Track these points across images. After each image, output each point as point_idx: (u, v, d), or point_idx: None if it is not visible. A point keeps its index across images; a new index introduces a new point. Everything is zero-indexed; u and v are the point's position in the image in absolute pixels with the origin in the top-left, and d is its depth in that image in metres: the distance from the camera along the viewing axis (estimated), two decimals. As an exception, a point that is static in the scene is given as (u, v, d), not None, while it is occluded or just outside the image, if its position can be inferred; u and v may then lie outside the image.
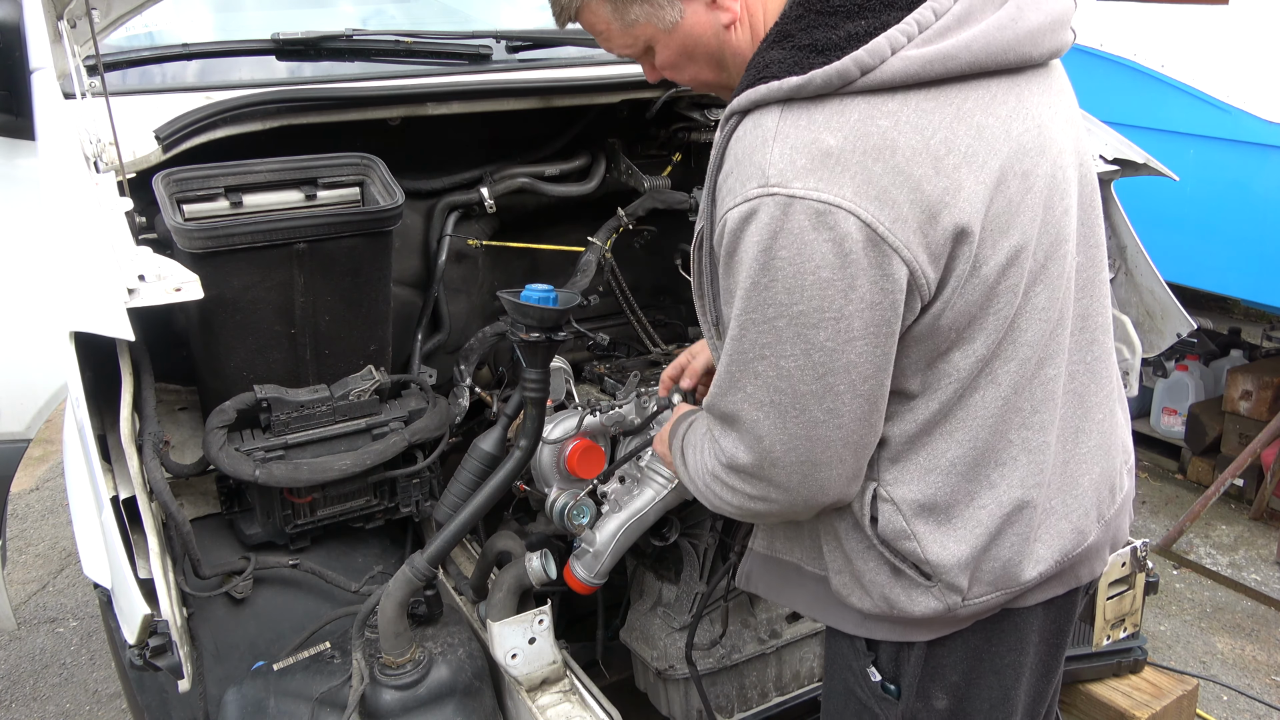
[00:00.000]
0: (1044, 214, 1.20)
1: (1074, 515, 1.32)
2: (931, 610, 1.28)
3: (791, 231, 1.08)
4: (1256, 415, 4.27)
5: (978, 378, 1.22)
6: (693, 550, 2.05)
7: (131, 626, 1.38)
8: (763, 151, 1.10)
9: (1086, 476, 1.32)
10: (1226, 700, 3.19)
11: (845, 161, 1.08)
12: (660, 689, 2.09)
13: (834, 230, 1.07)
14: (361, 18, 2.46)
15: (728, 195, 1.14)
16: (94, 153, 1.67)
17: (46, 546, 4.19)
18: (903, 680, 1.37)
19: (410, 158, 2.21)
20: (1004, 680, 1.37)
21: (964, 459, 1.24)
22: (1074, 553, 1.32)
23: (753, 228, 1.10)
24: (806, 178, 1.08)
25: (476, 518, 1.67)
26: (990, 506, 1.26)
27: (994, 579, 1.28)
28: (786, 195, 1.08)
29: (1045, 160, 1.20)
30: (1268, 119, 3.66)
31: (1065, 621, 1.41)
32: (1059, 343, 1.26)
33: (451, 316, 2.31)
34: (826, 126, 1.09)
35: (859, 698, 1.43)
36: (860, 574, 1.31)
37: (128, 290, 1.35)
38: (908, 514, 1.25)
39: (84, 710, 3.24)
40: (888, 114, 1.10)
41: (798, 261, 1.09)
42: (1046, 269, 1.22)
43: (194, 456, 1.81)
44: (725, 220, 1.13)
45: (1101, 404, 1.35)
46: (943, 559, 1.25)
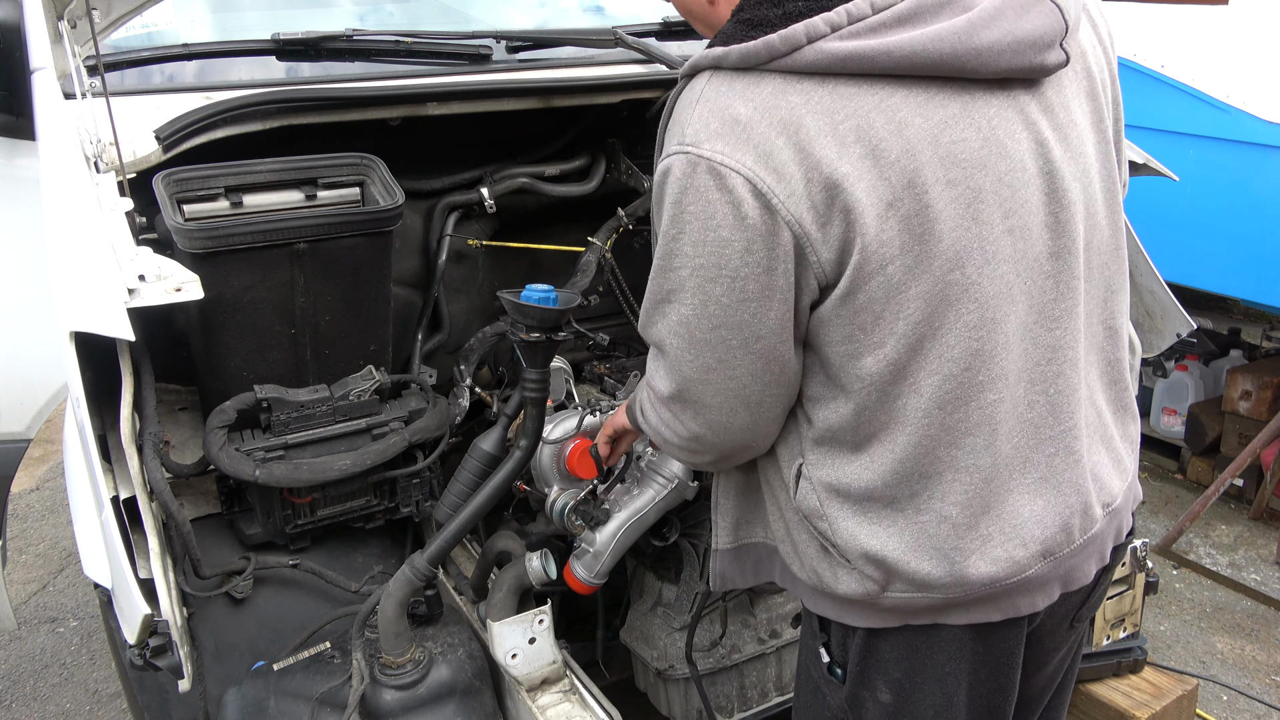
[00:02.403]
0: (975, 229, 1.17)
1: (1009, 545, 1.27)
2: (854, 592, 1.30)
3: (698, 189, 1.14)
4: (1256, 415, 4.27)
5: (897, 384, 1.21)
6: (693, 550, 2.05)
7: (131, 626, 1.38)
8: (688, 112, 1.17)
9: (1028, 508, 1.27)
10: (1226, 700, 3.19)
11: (751, 131, 1.12)
12: (660, 689, 2.09)
13: (732, 193, 1.13)
14: (360, 15, 2.46)
15: (661, 148, 1.23)
16: (94, 153, 1.67)
17: (46, 546, 4.19)
18: (848, 665, 1.39)
19: (410, 158, 2.21)
20: (946, 688, 1.36)
21: (886, 462, 1.25)
22: (1006, 581, 1.27)
23: (669, 181, 1.17)
24: (715, 140, 1.13)
25: (476, 518, 1.67)
26: (909, 513, 1.26)
27: (915, 581, 1.27)
28: (696, 154, 1.14)
29: (985, 175, 1.17)
30: (1268, 119, 3.66)
31: (1010, 641, 1.35)
32: (1002, 368, 1.22)
33: (451, 316, 2.31)
34: (741, 96, 1.14)
35: (812, 677, 1.47)
36: (796, 544, 1.37)
37: (128, 290, 1.35)
38: (822, 495, 1.29)
39: (84, 710, 3.24)
40: (801, 92, 1.13)
41: (702, 218, 1.15)
42: (978, 286, 1.18)
43: (194, 456, 1.81)
44: (657, 170, 1.21)
45: (1059, 439, 1.29)
46: (851, 546, 1.28)
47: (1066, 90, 1.25)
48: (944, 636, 1.33)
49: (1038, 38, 1.17)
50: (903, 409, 1.22)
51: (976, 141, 1.16)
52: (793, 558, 1.39)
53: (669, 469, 1.90)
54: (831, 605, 1.37)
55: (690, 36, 2.51)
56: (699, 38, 2.53)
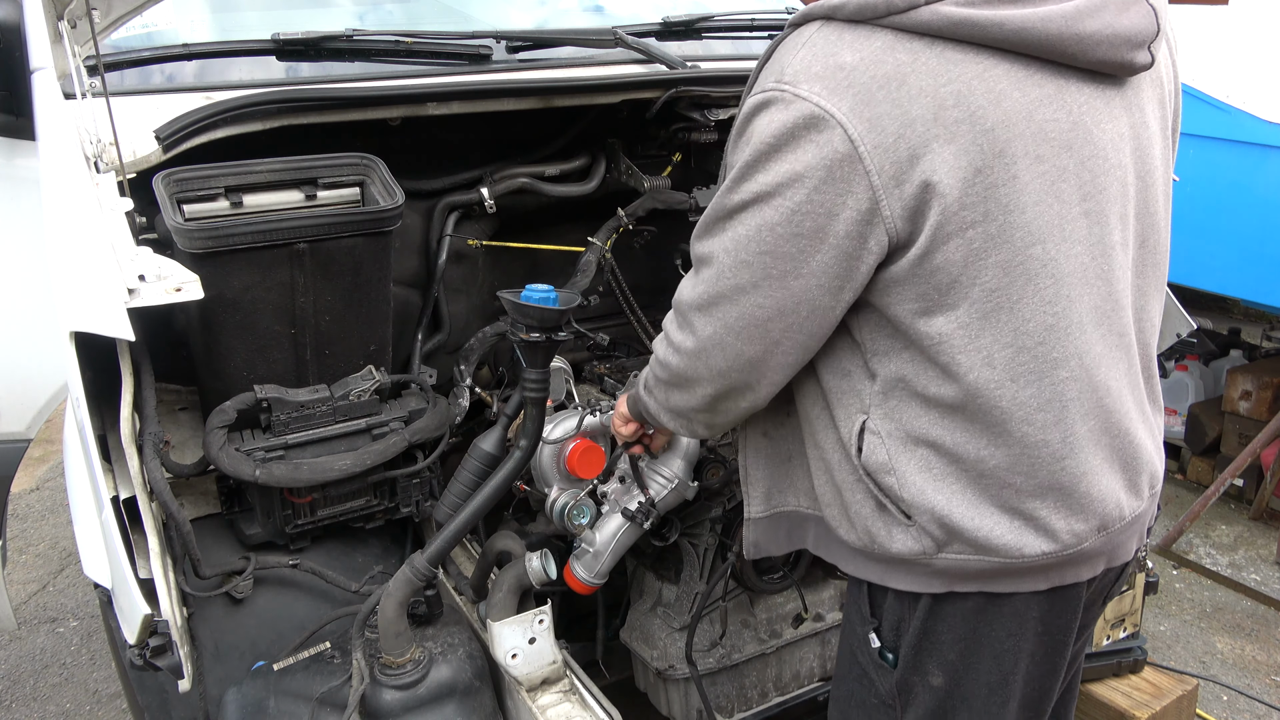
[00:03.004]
0: (1056, 206, 1.22)
1: (1071, 518, 1.31)
2: (908, 550, 1.33)
3: (786, 124, 1.18)
4: (1256, 415, 4.28)
5: (968, 352, 1.24)
6: (693, 550, 2.05)
7: (131, 626, 1.38)
8: (791, 55, 1.22)
9: (1091, 484, 1.31)
10: (1226, 700, 3.19)
11: (853, 79, 1.17)
12: (660, 689, 2.09)
13: (821, 135, 1.16)
14: (360, 15, 2.45)
15: (756, 84, 1.27)
16: (94, 153, 1.67)
17: (46, 546, 4.19)
18: (900, 650, 1.42)
19: (410, 158, 2.20)
20: (1002, 665, 1.38)
21: (953, 423, 1.28)
22: (1063, 553, 1.31)
23: (760, 117, 1.21)
24: (815, 83, 1.18)
25: (476, 518, 1.67)
26: (978, 476, 1.29)
27: (975, 543, 1.30)
28: (793, 93, 1.18)
29: (1070, 157, 1.22)
30: (1268, 119, 3.66)
31: (1068, 616, 1.40)
32: (1076, 346, 1.26)
33: (451, 316, 2.31)
34: (850, 45, 1.19)
35: (860, 663, 1.49)
36: (848, 505, 1.38)
37: (128, 290, 1.35)
38: (892, 449, 1.31)
39: (84, 710, 3.24)
40: (909, 51, 1.17)
41: (783, 151, 1.19)
42: (1056, 264, 1.23)
43: (194, 456, 1.81)
44: (744, 106, 1.26)
45: (1121, 420, 1.33)
46: (918, 501, 1.30)
47: (1144, 93, 1.31)
48: (1004, 610, 1.36)
49: (1132, 36, 1.23)
50: (975, 381, 1.24)
51: (1066, 124, 1.22)
52: (840, 520, 1.41)
53: (669, 469, 1.90)
54: (877, 567, 1.40)
55: (690, 37, 2.51)
56: (699, 38, 2.55)
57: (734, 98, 2.32)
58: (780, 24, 2.63)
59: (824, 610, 2.19)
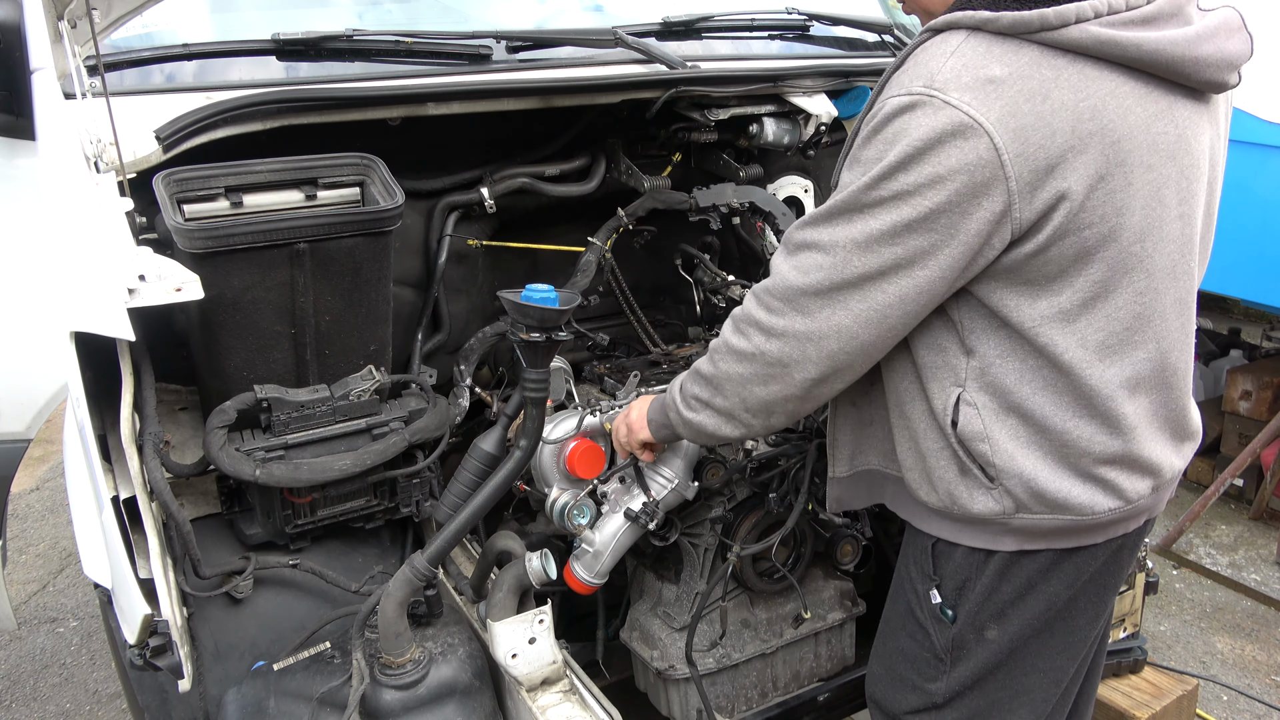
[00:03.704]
0: (1159, 210, 1.35)
1: (1134, 479, 1.46)
2: (988, 511, 1.44)
3: (934, 129, 1.25)
4: (1256, 415, 4.28)
5: (1065, 334, 1.36)
6: (693, 550, 2.05)
7: (131, 626, 1.38)
8: (939, 61, 1.29)
9: (1155, 449, 1.47)
10: (1226, 700, 3.19)
11: (1002, 91, 1.25)
12: (660, 689, 2.09)
13: (967, 142, 1.24)
14: (358, 14, 2.45)
15: (896, 86, 1.32)
16: (94, 153, 1.67)
17: (46, 546, 4.19)
18: (962, 606, 1.54)
19: (410, 158, 2.20)
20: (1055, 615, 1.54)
21: (1044, 397, 1.39)
22: (1124, 509, 1.46)
23: (906, 119, 1.27)
24: (964, 92, 1.25)
25: (476, 518, 1.67)
26: (1062, 442, 1.41)
27: (1055, 503, 1.42)
28: (943, 99, 1.25)
29: (1173, 166, 1.36)
30: (1268, 119, 3.66)
31: (1115, 566, 1.56)
32: (1155, 331, 1.41)
33: (451, 316, 2.31)
34: (999, 59, 1.27)
35: (917, 618, 1.60)
36: (931, 470, 1.48)
37: (128, 290, 1.35)
38: (987, 419, 1.41)
39: (84, 710, 3.24)
40: (1053, 68, 1.27)
41: (932, 159, 1.25)
42: (1151, 260, 1.37)
43: (194, 456, 1.81)
44: (885, 105, 1.30)
45: (1181, 395, 1.50)
46: (1008, 467, 1.41)
47: (1219, 109, 1.47)
48: (1067, 565, 1.51)
49: (1234, 59, 1.38)
50: (1069, 360, 1.36)
51: (1173, 136, 1.36)
52: (920, 483, 1.51)
53: (669, 469, 1.90)
54: (951, 526, 1.52)
55: (690, 37, 2.51)
56: (699, 38, 2.55)
57: (734, 98, 2.32)
58: (780, 24, 2.64)
59: (824, 610, 2.19)
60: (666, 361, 2.42)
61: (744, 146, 2.50)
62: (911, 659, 1.63)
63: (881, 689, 1.72)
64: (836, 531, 2.11)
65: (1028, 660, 1.57)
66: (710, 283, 2.47)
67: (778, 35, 2.66)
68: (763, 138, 2.38)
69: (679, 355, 2.45)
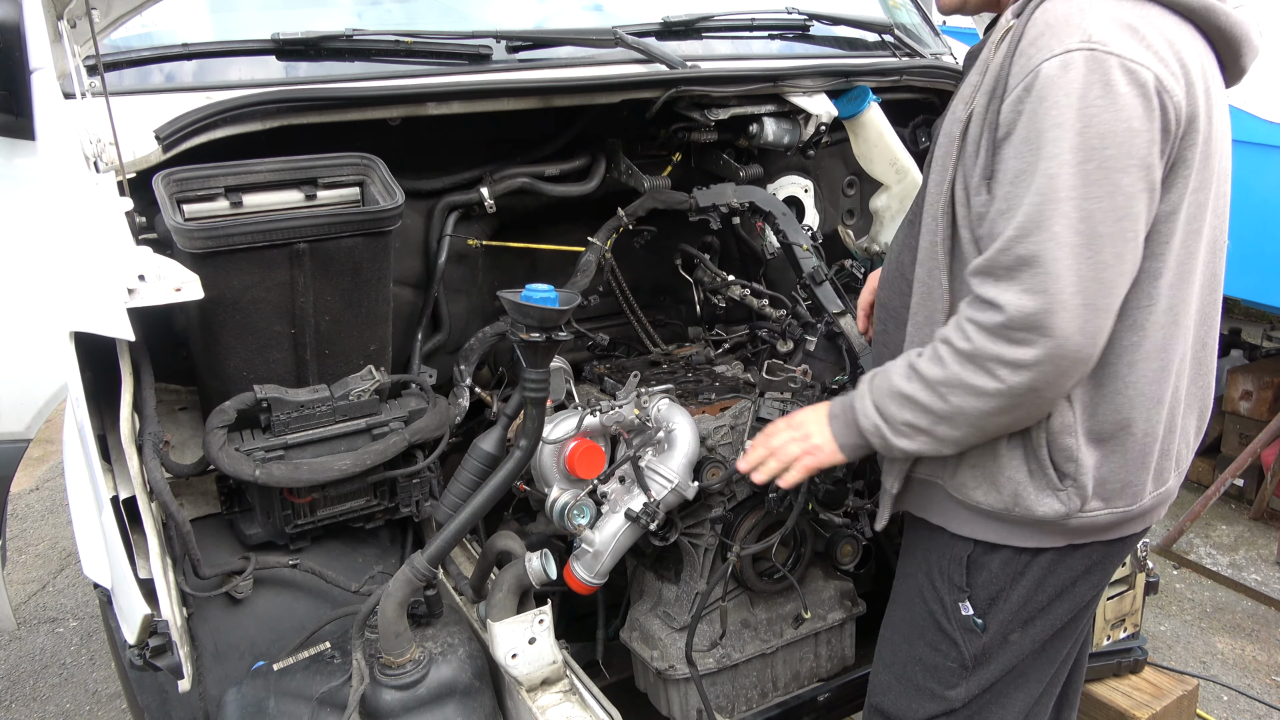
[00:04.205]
0: (1215, 186, 1.40)
1: (1174, 468, 1.52)
2: (1052, 512, 1.45)
3: (1110, 83, 1.24)
4: (1256, 415, 4.27)
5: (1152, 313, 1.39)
6: (693, 550, 2.05)
7: (131, 626, 1.38)
8: (1079, 18, 1.27)
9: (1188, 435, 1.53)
10: (1226, 700, 3.19)
11: (1149, 42, 1.27)
12: (660, 689, 2.09)
13: (1144, 88, 1.25)
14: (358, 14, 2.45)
15: (1040, 50, 1.28)
16: (94, 153, 1.67)
17: (46, 546, 4.19)
18: (993, 617, 1.55)
19: (410, 158, 2.20)
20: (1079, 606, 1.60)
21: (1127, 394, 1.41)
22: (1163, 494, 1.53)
23: (1071, 76, 1.24)
24: (1121, 42, 1.25)
25: (476, 518, 1.67)
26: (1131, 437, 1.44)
27: (1117, 497, 1.46)
28: (1105, 51, 1.24)
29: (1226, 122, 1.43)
30: (1268, 119, 3.66)
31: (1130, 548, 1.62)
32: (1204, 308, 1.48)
33: (451, 316, 2.31)
34: (1131, 13, 1.29)
35: (943, 629, 1.61)
36: (999, 470, 1.48)
37: (128, 290, 1.35)
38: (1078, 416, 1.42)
39: (84, 710, 3.24)
40: (1171, 25, 1.32)
41: (1112, 109, 1.24)
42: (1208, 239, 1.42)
43: (194, 456, 1.81)
44: (1038, 71, 1.27)
45: (1209, 374, 1.55)
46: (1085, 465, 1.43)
47: None
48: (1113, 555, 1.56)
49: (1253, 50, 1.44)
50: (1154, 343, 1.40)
51: (1223, 95, 1.42)
52: (979, 483, 1.50)
53: (669, 469, 1.90)
54: (999, 527, 1.52)
55: (690, 37, 2.51)
56: (699, 38, 2.55)
57: (734, 98, 2.32)
58: (780, 24, 2.64)
59: (824, 610, 2.19)
60: (666, 361, 2.42)
61: (744, 146, 2.50)
62: (931, 668, 1.63)
63: (892, 698, 1.71)
64: (836, 531, 2.11)
65: (1050, 653, 1.61)
66: (710, 283, 2.47)
67: (778, 35, 2.66)
68: (763, 138, 2.38)
69: (679, 355, 2.45)
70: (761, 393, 2.08)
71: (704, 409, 2.08)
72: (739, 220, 2.50)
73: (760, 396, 2.06)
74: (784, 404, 2.01)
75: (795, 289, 2.37)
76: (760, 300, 2.38)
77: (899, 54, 2.70)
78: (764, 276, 2.65)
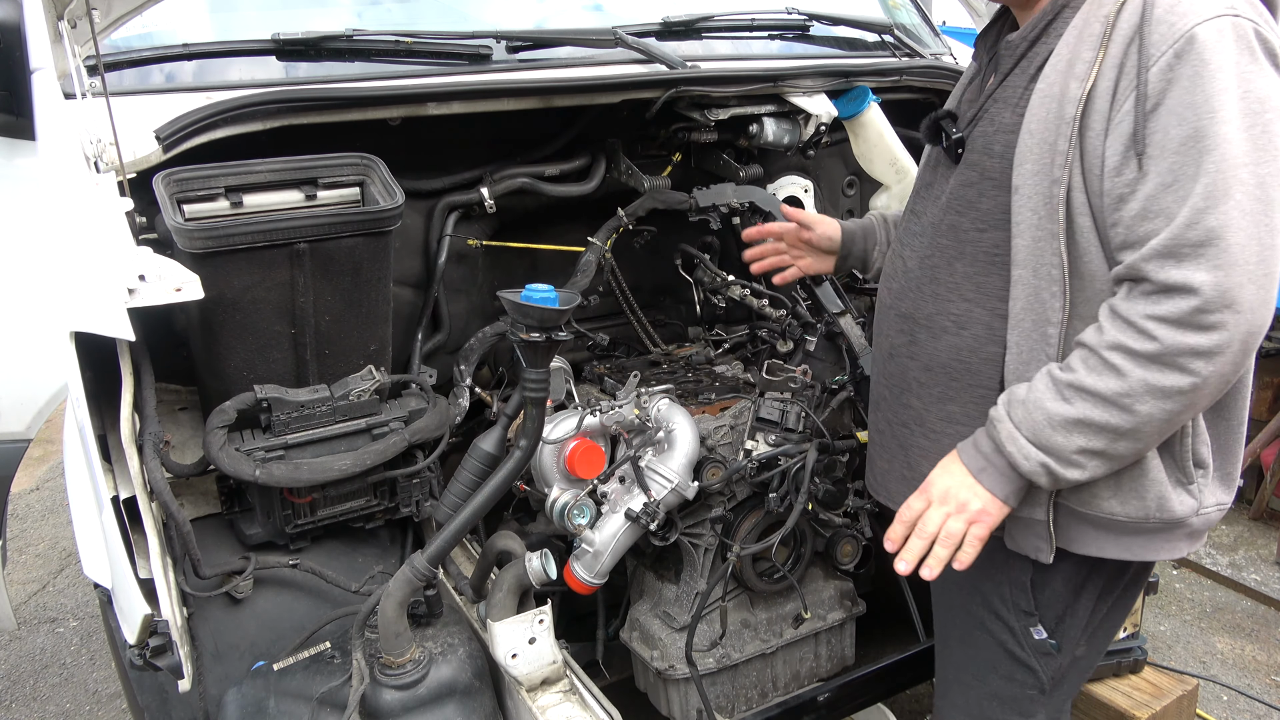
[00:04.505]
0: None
1: None
2: (1187, 510, 1.41)
3: (1252, 48, 1.23)
4: (1256, 415, 4.27)
5: None
6: (693, 550, 2.05)
7: (131, 626, 1.38)
8: None
9: None
10: (1226, 700, 3.19)
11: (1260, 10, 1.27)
12: (660, 689, 2.09)
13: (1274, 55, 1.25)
14: (358, 13, 2.45)
15: (1185, 16, 1.23)
16: (94, 153, 1.67)
17: (46, 546, 4.19)
18: (1064, 635, 1.52)
19: (410, 158, 2.20)
20: None
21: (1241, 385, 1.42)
22: None
23: (1225, 40, 1.22)
24: (1249, 9, 1.25)
25: (477, 518, 1.67)
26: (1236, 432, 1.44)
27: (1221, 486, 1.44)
28: (1243, 18, 1.23)
29: None
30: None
31: None
32: None
33: (451, 316, 2.31)
34: None
35: (1017, 658, 1.55)
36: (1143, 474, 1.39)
37: (128, 290, 1.35)
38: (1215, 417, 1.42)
39: (84, 710, 3.24)
40: None
41: (1261, 74, 1.22)
42: None
43: (194, 456, 1.81)
44: (1192, 35, 1.22)
45: None
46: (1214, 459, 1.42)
47: None
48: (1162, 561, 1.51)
49: None
50: None
51: None
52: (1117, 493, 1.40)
53: (669, 469, 1.90)
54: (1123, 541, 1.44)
55: (690, 37, 2.51)
56: (699, 38, 2.55)
57: (734, 98, 2.32)
58: (780, 24, 2.64)
59: (824, 610, 2.19)
60: (666, 361, 2.42)
61: (744, 146, 2.50)
62: (1009, 699, 1.55)
63: None
64: (836, 531, 2.11)
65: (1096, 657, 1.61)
66: (710, 283, 2.47)
67: (778, 35, 2.66)
68: (763, 138, 2.38)
69: (679, 355, 2.46)
70: (761, 393, 2.08)
71: (704, 409, 2.08)
72: (739, 220, 2.50)
73: (760, 396, 2.06)
74: (784, 404, 2.01)
75: (795, 289, 2.37)
76: (760, 300, 2.39)
77: (899, 54, 2.70)
78: (764, 276, 2.65)
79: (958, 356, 1.50)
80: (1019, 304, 1.40)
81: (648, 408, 1.99)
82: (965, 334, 1.49)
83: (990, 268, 1.45)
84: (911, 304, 1.59)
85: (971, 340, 1.48)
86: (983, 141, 1.46)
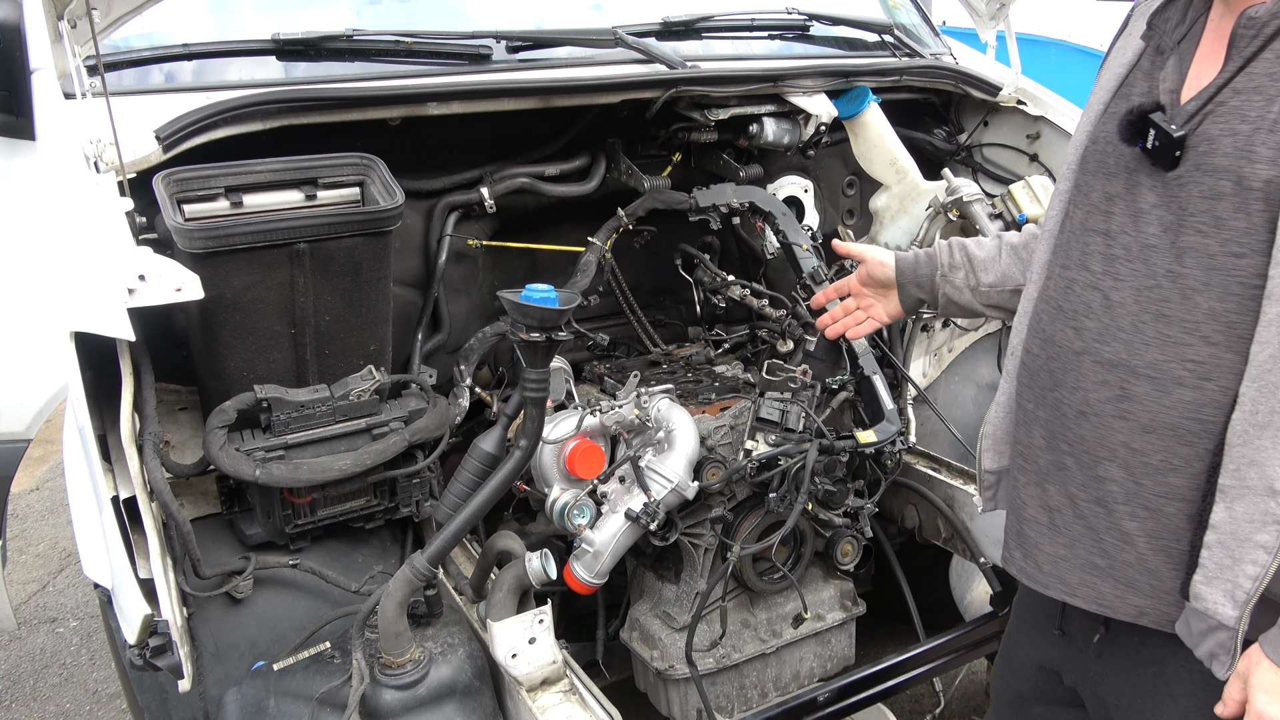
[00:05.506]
0: None
1: None
2: None
3: None
4: None
5: None
6: (693, 550, 2.05)
7: (131, 626, 1.38)
8: None
9: None
10: (1226, 700, 3.18)
11: None
12: (660, 689, 2.09)
13: None
14: (358, 13, 2.45)
15: None
16: (94, 153, 1.67)
17: (46, 546, 4.19)
18: None
19: (410, 158, 2.20)
20: None
21: None
22: None
23: None
24: None
25: (477, 518, 1.67)
26: None
27: None
28: None
29: None
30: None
31: None
32: None
33: (451, 316, 2.31)
34: None
35: None
36: None
37: (128, 290, 1.35)
38: None
39: (84, 710, 3.24)
40: None
41: None
42: None
43: (194, 456, 1.81)
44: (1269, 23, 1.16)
45: None
46: None
47: None
48: None
49: None
50: None
51: None
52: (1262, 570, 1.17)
53: (669, 469, 1.90)
54: None
55: (690, 37, 2.51)
56: (699, 38, 2.55)
57: (734, 98, 2.32)
58: (780, 24, 2.64)
59: (824, 610, 2.19)
60: (666, 361, 2.42)
61: (744, 146, 2.50)
62: None
63: None
64: (836, 531, 2.11)
65: None
66: (710, 283, 2.47)
67: (778, 35, 2.66)
68: (763, 138, 2.38)
69: (679, 355, 2.46)
70: (761, 393, 2.08)
71: (704, 409, 2.08)
72: (739, 220, 2.51)
73: (760, 396, 2.06)
74: (784, 404, 2.01)
75: (795, 289, 2.37)
76: (760, 300, 2.39)
77: (899, 54, 2.70)
78: (764, 276, 2.65)
79: (1196, 414, 1.23)
80: (1268, 350, 1.15)
81: (648, 408, 1.99)
82: (1209, 386, 1.22)
83: (1245, 303, 1.19)
84: (1123, 349, 1.29)
85: (1217, 394, 1.21)
86: (1232, 143, 1.20)
